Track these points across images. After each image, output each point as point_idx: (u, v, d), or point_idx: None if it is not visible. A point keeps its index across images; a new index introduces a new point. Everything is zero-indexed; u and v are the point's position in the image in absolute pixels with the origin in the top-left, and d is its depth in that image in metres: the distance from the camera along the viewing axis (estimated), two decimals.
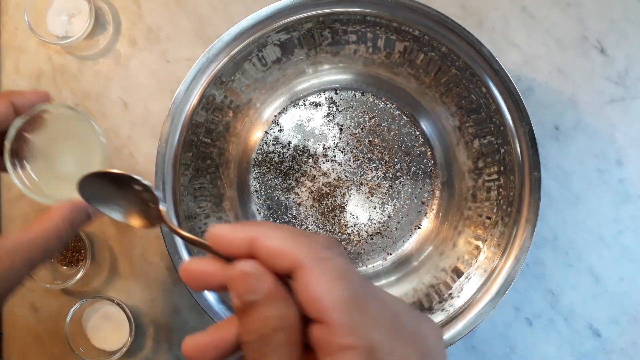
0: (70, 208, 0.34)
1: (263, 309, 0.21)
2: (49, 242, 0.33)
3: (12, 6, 0.56)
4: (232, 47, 0.45)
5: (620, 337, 0.52)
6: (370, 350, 0.20)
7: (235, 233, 0.23)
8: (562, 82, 0.53)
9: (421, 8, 0.44)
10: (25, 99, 0.33)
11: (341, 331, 0.20)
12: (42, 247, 0.32)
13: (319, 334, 0.20)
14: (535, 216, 0.43)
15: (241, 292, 0.22)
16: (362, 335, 0.20)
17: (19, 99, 0.33)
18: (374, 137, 0.52)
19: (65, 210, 0.34)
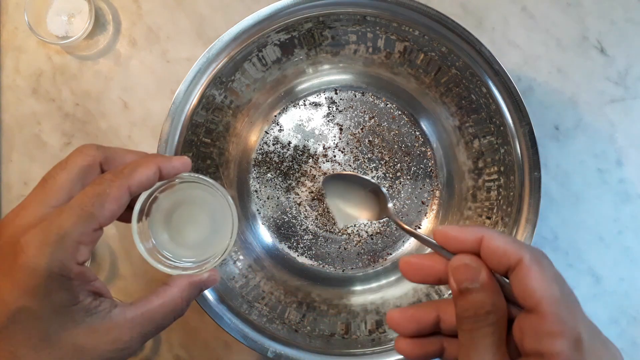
0: (189, 285, 0.34)
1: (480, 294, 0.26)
2: (165, 319, 0.32)
3: (12, 6, 0.56)
4: (232, 47, 0.45)
5: (620, 337, 0.52)
6: (577, 341, 0.24)
7: (465, 233, 0.27)
8: (562, 82, 0.53)
9: (421, 8, 0.44)
10: (171, 166, 0.33)
11: (553, 320, 0.24)
12: (158, 323, 0.32)
13: (530, 323, 0.24)
14: (535, 216, 0.43)
15: (462, 279, 0.26)
16: (571, 326, 0.24)
17: (166, 165, 0.32)
18: (374, 137, 0.52)
19: (184, 286, 0.33)
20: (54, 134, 0.55)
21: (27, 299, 0.28)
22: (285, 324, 0.46)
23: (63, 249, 0.28)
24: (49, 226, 0.28)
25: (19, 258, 0.28)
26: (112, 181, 0.30)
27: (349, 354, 0.45)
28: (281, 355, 0.43)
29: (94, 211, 0.29)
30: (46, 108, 0.55)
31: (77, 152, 0.32)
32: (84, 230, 0.29)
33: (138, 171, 0.31)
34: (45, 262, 0.27)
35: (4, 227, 0.30)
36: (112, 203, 0.30)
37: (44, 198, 0.30)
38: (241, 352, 0.53)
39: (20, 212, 0.30)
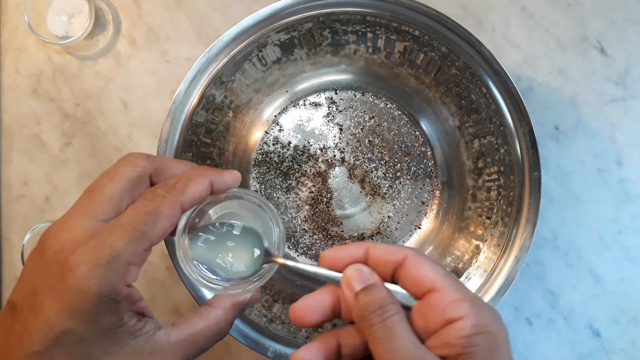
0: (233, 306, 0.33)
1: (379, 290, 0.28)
2: (208, 342, 0.31)
3: (12, 6, 0.56)
4: (232, 47, 0.45)
5: (620, 337, 0.52)
6: (473, 301, 0.27)
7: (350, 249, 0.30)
8: (562, 82, 0.53)
9: (421, 8, 0.44)
10: (222, 181, 0.31)
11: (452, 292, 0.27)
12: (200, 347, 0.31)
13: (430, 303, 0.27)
14: (535, 216, 0.43)
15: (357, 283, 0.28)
16: (465, 292, 0.27)
17: (218, 179, 0.31)
18: (374, 137, 0.52)
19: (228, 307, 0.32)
20: (54, 134, 0.55)
21: (73, 322, 0.26)
22: (285, 324, 0.46)
23: (114, 271, 0.27)
24: (99, 246, 0.27)
25: (67, 278, 0.26)
26: (164, 197, 0.29)
27: None
28: (281, 355, 0.43)
29: (146, 230, 0.27)
30: (46, 108, 0.55)
31: (126, 162, 0.30)
32: (135, 251, 0.27)
33: (191, 187, 0.29)
34: (95, 285, 0.26)
35: (49, 239, 0.28)
36: (165, 221, 0.28)
37: (91, 210, 0.28)
38: (241, 352, 0.53)
39: (65, 225, 0.28)
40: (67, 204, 0.55)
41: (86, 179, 0.55)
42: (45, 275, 0.27)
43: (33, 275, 0.28)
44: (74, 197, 0.55)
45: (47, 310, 0.26)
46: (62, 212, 0.56)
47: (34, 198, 0.55)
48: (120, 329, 0.28)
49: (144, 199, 0.29)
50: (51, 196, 0.55)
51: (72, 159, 0.55)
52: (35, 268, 0.28)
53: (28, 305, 0.27)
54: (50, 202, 0.55)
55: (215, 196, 0.32)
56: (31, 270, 0.28)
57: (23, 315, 0.27)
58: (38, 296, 0.27)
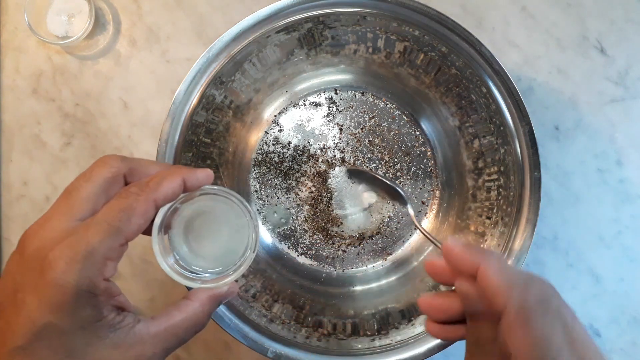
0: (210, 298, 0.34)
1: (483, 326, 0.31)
2: (187, 333, 0.32)
3: (12, 6, 0.56)
4: (232, 47, 0.45)
5: (620, 337, 0.52)
6: None
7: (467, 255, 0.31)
8: (562, 82, 0.53)
9: (421, 8, 0.44)
10: (195, 178, 0.32)
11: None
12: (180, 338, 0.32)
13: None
14: (535, 216, 0.43)
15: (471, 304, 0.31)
16: None
17: (190, 177, 0.32)
18: (374, 137, 0.52)
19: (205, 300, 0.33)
20: (54, 134, 0.55)
21: (53, 316, 0.27)
22: (285, 324, 0.46)
23: (91, 266, 0.28)
24: (77, 242, 0.28)
25: (46, 274, 0.27)
26: (138, 195, 0.30)
27: (348, 354, 0.45)
28: (281, 355, 0.43)
29: (120, 226, 0.29)
30: (46, 108, 0.55)
31: (101, 163, 0.31)
32: (111, 245, 0.29)
33: (164, 184, 0.31)
34: (73, 279, 0.27)
35: (28, 239, 0.29)
36: (139, 217, 0.30)
37: (68, 210, 0.29)
38: (241, 352, 0.53)
39: (44, 225, 0.29)
40: None
41: None
42: (26, 273, 0.28)
43: (14, 274, 0.29)
44: None
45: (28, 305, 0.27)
46: None
47: (34, 198, 0.55)
48: (100, 322, 0.29)
49: (119, 197, 0.30)
50: (51, 196, 0.55)
51: (72, 159, 0.55)
52: (15, 266, 0.29)
53: (10, 303, 0.28)
54: (50, 202, 0.55)
55: (189, 193, 0.33)
56: (12, 269, 0.29)
57: (6, 313, 0.28)
58: (19, 293, 0.28)
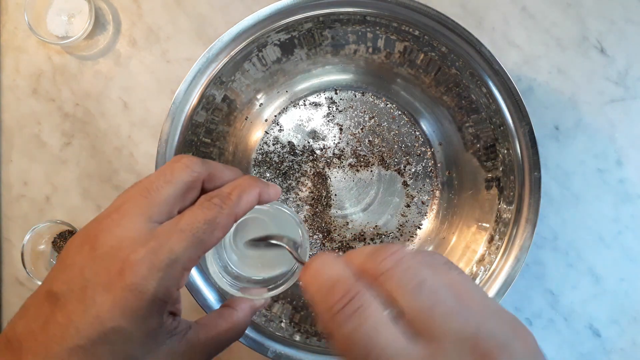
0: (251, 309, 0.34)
1: None
2: (229, 341, 0.32)
3: (12, 6, 0.56)
4: (232, 47, 0.45)
5: (620, 337, 0.52)
6: None
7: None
8: (562, 82, 0.53)
9: (421, 8, 0.44)
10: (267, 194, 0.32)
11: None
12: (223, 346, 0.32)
13: None
14: (535, 216, 0.43)
15: None
16: None
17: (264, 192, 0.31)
18: (374, 137, 0.52)
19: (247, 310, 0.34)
20: (54, 134, 0.55)
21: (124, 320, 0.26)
22: (284, 324, 0.46)
23: (171, 275, 0.27)
24: (160, 248, 0.27)
25: (126, 277, 0.26)
26: (221, 208, 0.29)
27: None
28: (281, 355, 0.43)
29: (204, 238, 0.28)
30: (46, 108, 0.55)
31: (183, 166, 0.30)
32: (191, 256, 0.28)
33: (244, 198, 0.30)
34: (153, 287, 0.26)
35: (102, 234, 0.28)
36: (221, 231, 0.29)
37: (146, 210, 0.28)
38: (241, 352, 0.53)
39: (120, 222, 0.28)
40: (67, 204, 0.55)
41: (86, 179, 0.55)
42: (99, 271, 0.27)
43: (83, 268, 0.27)
44: (74, 197, 0.55)
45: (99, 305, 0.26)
46: (62, 212, 0.57)
47: (34, 198, 0.55)
48: (161, 329, 0.28)
49: (202, 207, 0.29)
50: (51, 196, 0.55)
51: (72, 159, 0.55)
52: (85, 260, 0.27)
53: (76, 298, 0.27)
54: (50, 202, 0.55)
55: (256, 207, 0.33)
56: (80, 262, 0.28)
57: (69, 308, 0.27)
58: (89, 290, 0.27)
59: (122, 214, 0.28)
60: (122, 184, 0.55)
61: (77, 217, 0.55)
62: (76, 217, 0.55)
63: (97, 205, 0.55)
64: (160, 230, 0.28)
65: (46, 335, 0.26)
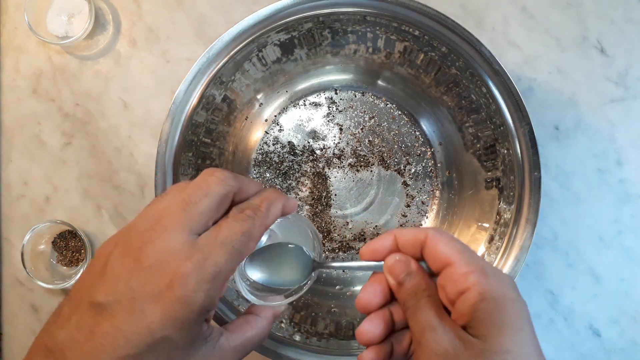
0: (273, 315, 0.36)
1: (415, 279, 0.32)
2: (254, 346, 0.34)
3: (12, 6, 0.56)
4: (232, 47, 0.45)
5: (620, 337, 0.52)
6: (482, 270, 0.29)
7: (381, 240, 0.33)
8: (562, 82, 0.53)
9: (421, 8, 0.44)
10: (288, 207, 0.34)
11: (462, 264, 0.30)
12: (248, 351, 0.33)
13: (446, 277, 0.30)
14: (535, 216, 0.43)
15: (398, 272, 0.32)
16: (475, 263, 0.30)
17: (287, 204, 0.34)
18: (374, 137, 0.52)
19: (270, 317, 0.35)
20: (54, 134, 0.55)
21: (173, 330, 0.27)
22: (284, 324, 0.46)
23: (217, 286, 0.29)
24: (205, 261, 0.28)
25: (176, 290, 0.27)
26: (254, 220, 0.31)
27: (348, 354, 0.45)
28: (281, 355, 0.43)
29: (242, 249, 0.30)
30: (46, 108, 0.55)
31: (218, 180, 0.31)
32: (232, 267, 0.30)
33: (272, 211, 0.32)
34: (202, 298, 0.28)
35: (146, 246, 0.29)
36: (255, 241, 0.31)
37: (187, 223, 0.29)
38: None
39: (162, 235, 0.29)
40: (67, 204, 0.55)
41: (86, 179, 0.55)
42: (147, 282, 0.28)
43: (128, 279, 0.28)
44: (74, 197, 0.55)
45: (148, 316, 0.27)
46: (62, 212, 0.57)
47: (34, 198, 0.55)
48: (200, 336, 0.30)
49: (237, 220, 0.31)
50: (51, 196, 0.55)
51: (72, 159, 0.55)
52: (130, 272, 0.28)
53: (124, 309, 0.27)
54: (50, 202, 0.55)
55: None
56: (124, 273, 0.28)
57: (117, 318, 0.27)
58: (137, 302, 0.27)
59: (163, 226, 0.29)
60: (122, 184, 0.55)
61: (77, 217, 0.55)
62: (76, 217, 0.55)
63: (97, 205, 0.55)
64: (203, 243, 0.29)
65: (93, 345, 0.27)
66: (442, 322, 0.29)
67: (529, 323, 0.29)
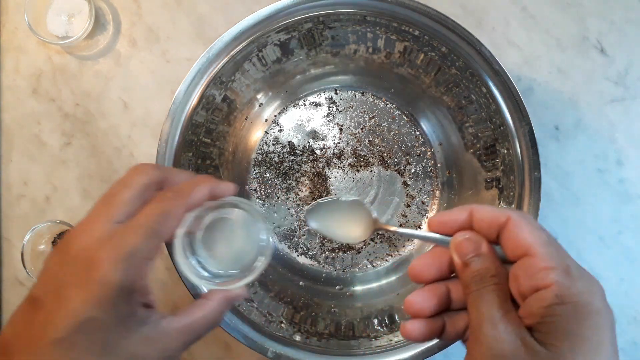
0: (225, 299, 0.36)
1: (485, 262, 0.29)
2: (204, 329, 0.34)
3: (12, 6, 0.56)
4: (232, 47, 0.45)
5: (620, 337, 0.52)
6: (567, 270, 0.26)
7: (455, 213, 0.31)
8: (562, 82, 0.53)
9: (421, 8, 0.44)
10: (219, 190, 0.35)
11: (544, 258, 0.27)
12: (198, 334, 0.34)
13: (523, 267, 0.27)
14: (535, 216, 0.43)
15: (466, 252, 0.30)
16: (560, 260, 0.27)
17: (216, 188, 0.35)
18: (374, 137, 0.52)
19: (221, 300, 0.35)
20: (54, 134, 0.55)
21: (96, 310, 0.29)
22: (284, 324, 0.46)
23: (133, 265, 0.30)
24: (120, 243, 0.30)
25: (93, 272, 0.29)
26: (174, 200, 0.33)
27: (348, 354, 0.45)
28: (281, 355, 0.43)
29: (158, 228, 0.31)
30: (46, 108, 0.55)
31: (139, 171, 0.33)
32: (150, 246, 0.31)
33: (194, 192, 0.34)
34: (118, 277, 0.29)
35: (73, 240, 0.31)
36: (174, 221, 0.32)
37: (108, 214, 0.31)
38: (241, 352, 0.53)
39: (86, 227, 0.31)
40: (67, 204, 0.55)
41: (86, 179, 0.55)
42: (70, 271, 0.30)
43: (57, 272, 0.31)
44: (74, 197, 0.55)
45: (72, 300, 0.29)
46: (62, 212, 0.57)
47: (34, 198, 0.55)
48: (133, 317, 0.31)
49: (156, 201, 0.32)
50: (51, 196, 0.55)
51: (72, 159, 0.55)
52: (59, 266, 0.31)
53: (52, 299, 0.30)
54: (50, 202, 0.55)
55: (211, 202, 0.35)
56: (54, 268, 0.31)
57: (47, 308, 0.30)
58: (63, 290, 0.30)
59: (87, 221, 0.32)
60: None
61: (77, 217, 0.55)
62: (76, 217, 0.55)
63: None
64: (121, 228, 0.31)
65: (29, 335, 0.30)
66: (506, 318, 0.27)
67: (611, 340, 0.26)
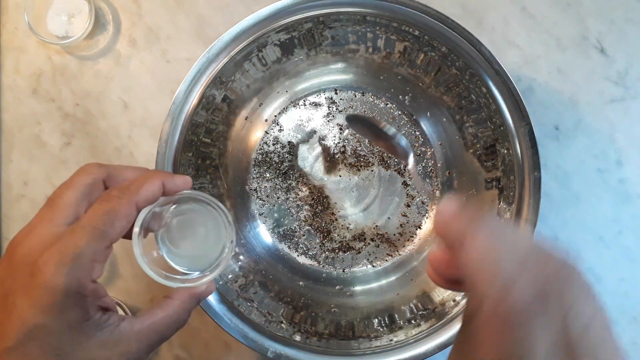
0: (190, 296, 0.35)
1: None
2: (169, 329, 0.34)
3: (12, 6, 0.56)
4: (232, 47, 0.45)
5: (620, 337, 0.52)
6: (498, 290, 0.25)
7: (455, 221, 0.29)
8: (562, 82, 0.53)
9: (421, 8, 0.44)
10: (173, 183, 0.34)
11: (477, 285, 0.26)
12: (162, 334, 0.33)
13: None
14: (535, 216, 0.43)
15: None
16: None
17: (169, 181, 0.34)
18: None
19: (185, 298, 0.35)
20: (54, 134, 0.55)
21: (43, 317, 0.28)
22: (284, 324, 0.46)
23: (79, 268, 0.29)
24: (64, 246, 0.29)
25: (36, 277, 0.28)
26: (120, 198, 0.31)
27: (348, 354, 0.45)
28: (281, 355, 0.43)
29: (105, 229, 0.30)
30: (46, 108, 0.55)
31: (81, 172, 0.32)
32: (97, 248, 0.30)
33: (144, 187, 0.32)
34: (62, 281, 0.28)
35: (16, 246, 0.30)
36: (122, 219, 0.31)
37: (52, 217, 0.31)
38: (241, 352, 0.53)
39: (31, 232, 0.30)
40: None
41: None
42: (15, 278, 0.29)
43: (4, 280, 0.30)
44: None
45: (19, 308, 0.28)
46: None
47: (34, 198, 0.55)
48: (87, 322, 0.30)
49: (101, 201, 0.31)
50: None
51: (72, 159, 0.55)
52: (4, 273, 0.30)
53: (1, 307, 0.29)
54: None
55: (168, 197, 0.34)
56: (3, 275, 0.30)
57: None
58: (10, 297, 0.29)
59: (31, 225, 0.31)
60: None
61: None
62: None
63: None
64: (65, 231, 0.30)
65: None
66: None
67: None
